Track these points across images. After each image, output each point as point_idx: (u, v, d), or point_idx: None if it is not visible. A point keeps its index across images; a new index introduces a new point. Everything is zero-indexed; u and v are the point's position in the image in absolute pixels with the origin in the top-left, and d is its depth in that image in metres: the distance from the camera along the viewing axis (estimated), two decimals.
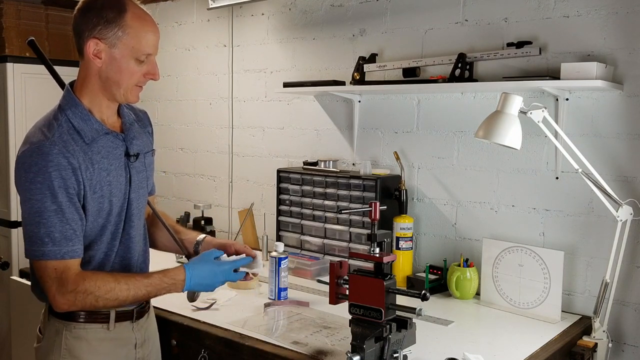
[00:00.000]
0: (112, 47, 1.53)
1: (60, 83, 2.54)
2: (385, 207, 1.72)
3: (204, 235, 1.87)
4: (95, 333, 1.62)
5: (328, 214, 2.61)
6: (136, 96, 1.62)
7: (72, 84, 1.64)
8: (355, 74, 2.58)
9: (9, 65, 3.57)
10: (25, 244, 1.49)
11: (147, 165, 1.75)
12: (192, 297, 1.77)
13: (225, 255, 1.72)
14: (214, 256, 1.68)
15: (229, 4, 2.95)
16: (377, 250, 1.61)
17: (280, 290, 2.18)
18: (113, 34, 1.52)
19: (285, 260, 2.20)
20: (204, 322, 1.94)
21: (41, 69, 2.74)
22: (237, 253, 1.77)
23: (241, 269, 1.72)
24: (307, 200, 2.67)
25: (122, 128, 1.67)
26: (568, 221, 2.18)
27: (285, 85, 2.74)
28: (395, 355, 1.56)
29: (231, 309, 2.09)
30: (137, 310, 1.69)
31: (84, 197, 1.53)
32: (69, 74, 4.06)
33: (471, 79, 2.31)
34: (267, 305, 2.12)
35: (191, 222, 3.01)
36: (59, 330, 1.61)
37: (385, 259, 1.59)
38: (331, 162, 2.68)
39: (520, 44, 2.20)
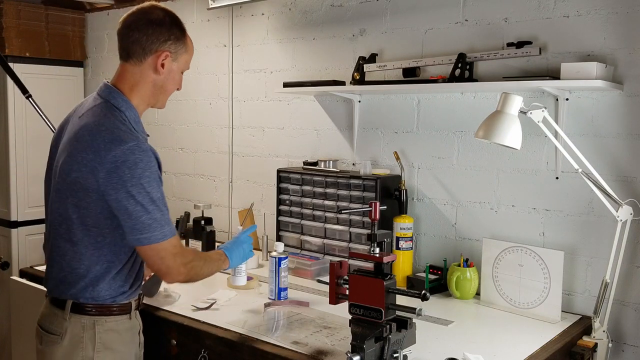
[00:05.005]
0: (174, 60, 1.74)
1: (6, 67, 2.54)
2: (385, 207, 1.73)
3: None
4: (123, 324, 1.73)
5: (328, 214, 2.61)
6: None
7: (108, 83, 1.74)
8: (355, 74, 2.58)
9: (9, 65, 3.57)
10: (140, 234, 1.58)
11: None
12: (149, 292, 1.99)
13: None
14: (244, 237, 1.96)
15: (229, 4, 2.96)
16: (377, 250, 1.62)
17: (280, 290, 2.18)
18: (179, 49, 1.74)
19: (285, 260, 2.20)
20: (204, 322, 1.94)
21: (41, 69, 2.76)
22: None
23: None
24: (307, 200, 2.67)
25: None
26: (568, 221, 2.18)
27: (285, 85, 2.74)
28: (395, 355, 1.56)
29: (231, 309, 2.09)
30: (140, 298, 1.82)
31: None
32: (68, 73, 4.12)
33: (471, 79, 2.31)
34: (267, 305, 2.12)
35: (191, 222, 3.00)
36: (86, 326, 1.67)
37: (385, 259, 1.59)
38: (331, 162, 2.68)
39: (520, 44, 2.20)
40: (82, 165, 1.59)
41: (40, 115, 2.73)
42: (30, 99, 2.69)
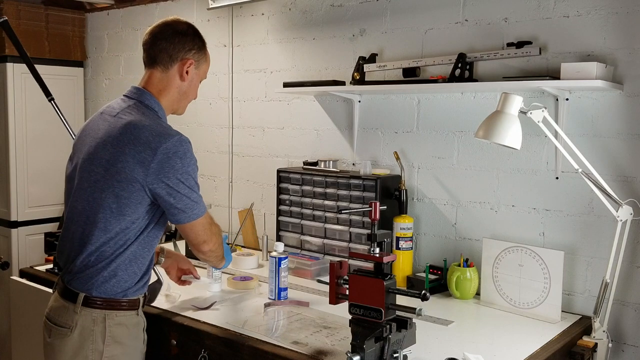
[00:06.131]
0: (196, 68, 1.91)
1: (33, 69, 2.56)
2: (385, 207, 1.73)
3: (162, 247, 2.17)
4: (131, 319, 1.79)
5: (328, 214, 2.61)
6: None
7: (138, 87, 1.88)
8: (355, 74, 2.58)
9: (9, 65, 3.57)
10: (185, 214, 1.75)
11: None
12: (151, 298, 2.01)
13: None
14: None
15: (229, 4, 2.96)
16: (377, 250, 1.62)
17: (280, 290, 2.18)
18: (201, 58, 1.92)
19: (285, 260, 2.20)
20: (204, 322, 1.94)
21: (41, 69, 2.75)
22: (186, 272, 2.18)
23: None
24: (307, 200, 2.67)
25: None
26: (568, 221, 2.18)
27: (285, 85, 2.74)
28: (395, 355, 1.56)
29: (231, 309, 2.09)
30: (145, 297, 1.87)
31: None
32: (68, 73, 4.12)
33: (471, 79, 2.31)
34: (267, 305, 2.12)
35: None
36: (97, 319, 1.73)
37: (385, 259, 1.59)
38: (331, 162, 2.68)
39: (520, 44, 2.20)
40: (129, 156, 1.69)
41: (61, 119, 2.73)
42: (52, 102, 2.69)
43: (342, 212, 2.53)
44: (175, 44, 1.85)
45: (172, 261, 2.14)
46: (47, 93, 2.71)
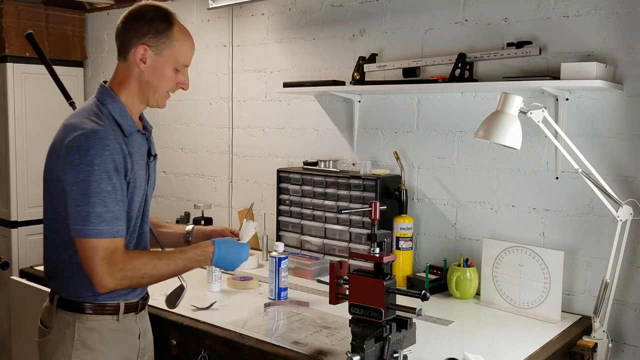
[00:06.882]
0: (157, 55, 1.67)
1: (55, 76, 2.56)
2: (385, 207, 1.72)
3: (192, 226, 1.98)
4: (107, 324, 1.67)
5: (328, 214, 2.61)
6: (165, 102, 1.76)
7: (105, 82, 1.74)
8: (355, 74, 2.58)
9: (9, 65, 3.57)
10: (75, 225, 1.53)
11: (156, 169, 1.87)
12: (173, 304, 1.88)
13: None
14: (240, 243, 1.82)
15: (229, 4, 2.96)
16: (377, 250, 1.62)
17: (280, 290, 2.18)
18: (161, 43, 1.67)
19: (285, 260, 2.20)
20: (204, 322, 1.94)
21: (41, 69, 2.75)
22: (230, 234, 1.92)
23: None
24: (307, 200, 2.67)
25: (144, 130, 1.78)
26: (568, 221, 2.18)
27: (285, 85, 2.74)
28: (395, 355, 1.56)
29: (231, 309, 2.09)
30: (140, 302, 1.76)
31: (127, 184, 1.62)
32: (68, 73, 4.12)
33: (471, 79, 2.31)
34: (267, 305, 2.12)
35: (191, 222, 3.00)
36: (69, 322, 1.65)
37: (385, 259, 1.59)
38: (331, 162, 2.68)
39: (520, 44, 2.20)
40: (53, 155, 1.62)
41: None
42: (73, 105, 2.69)
43: (342, 212, 2.53)
44: (128, 30, 1.67)
45: (200, 238, 1.92)
46: (68, 97, 2.71)
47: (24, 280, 2.41)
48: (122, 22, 1.69)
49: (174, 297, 1.90)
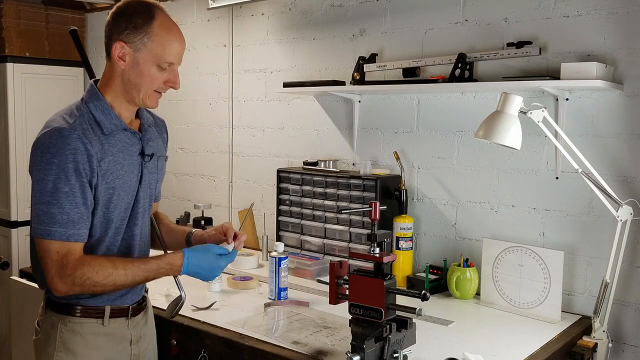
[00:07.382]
0: (136, 52, 1.60)
1: (92, 76, 2.56)
2: (385, 207, 1.72)
3: (193, 230, 1.89)
4: (91, 327, 1.64)
5: (328, 214, 2.61)
6: (155, 102, 1.69)
7: (96, 81, 1.71)
8: (355, 74, 2.58)
9: (9, 65, 3.57)
10: (32, 223, 1.52)
11: (159, 169, 1.84)
12: (170, 313, 1.79)
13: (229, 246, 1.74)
14: (217, 252, 1.69)
15: (229, 4, 2.96)
16: (377, 250, 1.62)
17: (280, 290, 2.18)
18: (139, 40, 1.60)
19: (285, 260, 2.20)
20: (204, 322, 1.94)
21: (41, 69, 2.77)
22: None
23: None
24: (307, 200, 2.67)
25: (140, 129, 1.75)
26: (568, 221, 2.18)
27: (285, 85, 2.74)
28: (395, 355, 1.56)
29: (231, 309, 2.09)
30: (132, 307, 1.72)
31: (96, 186, 1.56)
32: (68, 73, 4.11)
33: (471, 79, 2.31)
34: (267, 305, 2.12)
35: (191, 222, 3.01)
36: (54, 324, 1.64)
37: (385, 259, 1.59)
38: (331, 162, 2.68)
39: (520, 44, 2.20)
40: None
41: None
42: None
43: (342, 212, 2.53)
44: (111, 27, 1.64)
45: (198, 240, 1.85)
46: None
47: (24, 280, 2.41)
48: (107, 20, 1.68)
49: (172, 307, 1.84)
